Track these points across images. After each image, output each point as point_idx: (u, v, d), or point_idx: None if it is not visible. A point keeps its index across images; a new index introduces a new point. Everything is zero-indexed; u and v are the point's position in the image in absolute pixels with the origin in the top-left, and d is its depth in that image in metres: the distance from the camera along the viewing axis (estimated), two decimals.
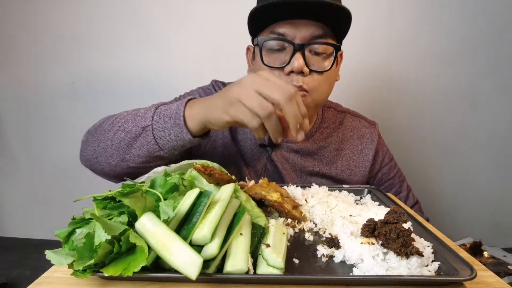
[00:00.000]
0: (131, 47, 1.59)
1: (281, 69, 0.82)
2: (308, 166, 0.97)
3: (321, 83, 0.84)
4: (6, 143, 1.76)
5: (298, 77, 0.80)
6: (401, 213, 0.57)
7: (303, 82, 0.81)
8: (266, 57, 0.83)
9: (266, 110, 0.58)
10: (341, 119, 1.04)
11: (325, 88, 0.87)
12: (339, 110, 1.06)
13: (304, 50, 0.79)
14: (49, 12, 1.57)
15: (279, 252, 0.46)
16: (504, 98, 1.61)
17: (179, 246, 0.40)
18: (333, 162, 0.99)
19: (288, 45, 0.81)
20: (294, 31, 0.79)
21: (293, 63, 0.79)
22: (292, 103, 0.58)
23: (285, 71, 0.81)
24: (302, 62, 0.79)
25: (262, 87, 0.59)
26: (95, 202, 0.50)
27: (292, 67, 0.79)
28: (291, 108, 0.58)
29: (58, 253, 0.44)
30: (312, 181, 0.96)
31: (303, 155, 0.97)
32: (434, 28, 1.53)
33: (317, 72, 0.82)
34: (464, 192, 1.72)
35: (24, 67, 1.65)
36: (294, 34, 0.80)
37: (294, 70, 0.79)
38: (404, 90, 1.60)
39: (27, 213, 1.86)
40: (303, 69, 0.79)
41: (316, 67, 0.82)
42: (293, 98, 0.59)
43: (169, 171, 0.64)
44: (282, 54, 0.82)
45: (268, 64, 0.82)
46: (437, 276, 0.45)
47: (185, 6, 1.54)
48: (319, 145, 0.98)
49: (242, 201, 0.56)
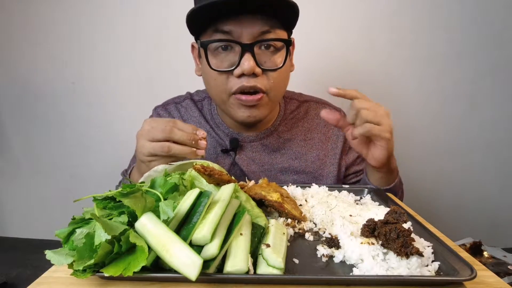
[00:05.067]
0: (131, 47, 1.59)
1: (231, 72, 0.77)
2: (277, 163, 0.94)
3: (277, 81, 0.81)
4: (6, 143, 1.76)
5: (249, 79, 0.76)
6: (401, 213, 0.57)
7: (257, 82, 0.77)
8: (212, 59, 0.78)
9: (164, 148, 0.68)
10: (305, 108, 1.01)
11: (281, 84, 0.84)
12: (301, 100, 1.02)
13: (253, 49, 0.75)
14: (49, 12, 1.57)
15: (279, 252, 0.46)
16: (504, 98, 1.61)
17: (179, 246, 0.40)
18: (302, 154, 0.95)
19: (235, 45, 0.76)
20: (240, 28, 0.75)
21: (243, 64, 0.75)
22: (175, 132, 0.68)
23: (235, 74, 0.77)
24: (252, 63, 0.75)
25: (149, 136, 0.69)
26: (95, 202, 0.50)
27: (243, 70, 0.75)
28: (177, 136, 0.68)
29: (58, 253, 0.44)
30: (284, 179, 0.94)
31: (269, 152, 0.94)
32: (434, 28, 1.53)
33: (270, 71, 0.79)
34: (464, 192, 1.71)
35: (24, 67, 1.65)
36: (240, 32, 0.75)
37: (244, 73, 0.75)
38: (404, 90, 1.60)
39: (27, 213, 1.86)
40: (254, 70, 0.75)
41: (268, 65, 0.78)
42: (174, 128, 0.68)
43: (169, 171, 0.64)
44: (230, 54, 0.78)
45: (216, 68, 0.78)
46: (437, 276, 0.45)
47: (185, 6, 1.54)
48: (284, 138, 0.95)
49: (242, 201, 0.56)
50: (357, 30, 1.53)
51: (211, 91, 0.86)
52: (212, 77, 0.81)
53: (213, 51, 0.79)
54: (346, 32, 1.53)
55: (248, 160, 0.94)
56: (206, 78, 0.85)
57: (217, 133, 0.96)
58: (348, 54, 1.56)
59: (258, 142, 0.94)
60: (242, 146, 0.94)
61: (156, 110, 1.04)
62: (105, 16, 1.57)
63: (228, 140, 0.94)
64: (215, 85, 0.82)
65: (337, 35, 1.53)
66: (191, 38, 0.90)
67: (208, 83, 0.85)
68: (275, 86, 0.81)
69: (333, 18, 1.51)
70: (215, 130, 0.96)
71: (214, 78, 0.81)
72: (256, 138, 0.95)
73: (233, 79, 0.78)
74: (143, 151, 0.70)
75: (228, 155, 0.94)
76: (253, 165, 0.94)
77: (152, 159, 0.70)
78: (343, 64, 1.56)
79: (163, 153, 0.68)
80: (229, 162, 0.94)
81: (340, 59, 1.56)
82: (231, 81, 0.79)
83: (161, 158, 0.69)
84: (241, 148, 0.94)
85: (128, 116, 1.63)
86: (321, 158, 0.96)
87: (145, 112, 1.07)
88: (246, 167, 0.93)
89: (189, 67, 1.60)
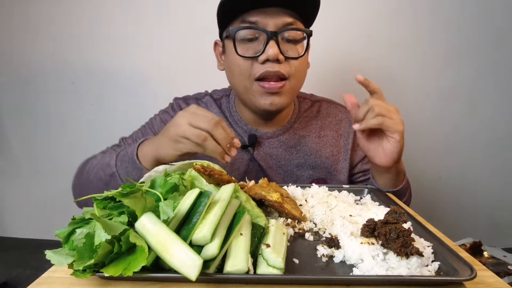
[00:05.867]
0: (131, 47, 1.59)
1: (255, 58, 0.82)
2: (293, 159, 0.98)
3: (298, 69, 0.85)
4: (6, 143, 1.76)
5: (273, 64, 0.81)
6: (401, 213, 0.57)
7: (280, 68, 0.81)
8: (238, 47, 0.83)
9: (201, 137, 0.68)
10: (317, 107, 1.05)
11: (301, 74, 0.88)
12: (314, 100, 1.07)
13: (277, 37, 0.80)
14: (49, 12, 1.57)
15: (279, 252, 0.46)
16: (504, 98, 1.61)
17: (179, 246, 0.40)
18: (316, 150, 0.99)
19: (261, 33, 0.81)
20: (265, 19, 0.80)
21: (267, 51, 0.80)
22: (218, 128, 0.69)
23: (259, 60, 0.81)
24: (277, 50, 0.79)
25: (192, 120, 0.69)
26: (95, 202, 0.50)
27: (267, 56, 0.80)
28: (218, 132, 0.69)
29: (58, 253, 0.44)
30: (300, 174, 0.98)
31: (286, 148, 0.98)
32: (434, 28, 1.53)
33: (292, 59, 0.84)
34: (464, 192, 1.72)
35: (24, 67, 1.65)
36: (266, 22, 0.80)
37: (269, 58, 0.80)
38: (404, 90, 1.60)
39: (27, 213, 1.86)
40: (278, 57, 0.80)
41: (290, 54, 0.83)
42: (218, 125, 0.69)
43: (169, 171, 0.64)
44: (255, 43, 0.83)
45: (242, 55, 0.82)
46: (437, 276, 0.45)
47: (185, 6, 1.54)
48: (299, 135, 0.99)
49: (242, 201, 0.56)
50: (357, 30, 1.53)
51: (235, 79, 0.88)
52: (237, 64, 0.84)
53: (239, 41, 0.83)
54: (345, 32, 1.54)
55: (266, 156, 0.96)
56: (230, 67, 0.88)
57: (236, 130, 0.99)
58: (347, 54, 1.56)
59: (275, 138, 0.97)
60: (260, 142, 0.97)
61: (177, 101, 1.04)
62: (105, 16, 1.57)
63: (246, 137, 0.97)
64: (239, 72, 0.85)
65: (337, 34, 1.53)
66: (192, 37, 0.90)
67: (232, 72, 0.87)
68: (296, 74, 0.85)
69: (333, 17, 1.51)
70: (233, 127, 0.99)
71: (239, 65, 0.84)
72: (273, 134, 0.98)
73: (257, 65, 0.82)
74: (178, 130, 0.69)
75: (247, 151, 0.96)
76: (270, 161, 0.97)
77: (181, 141, 0.70)
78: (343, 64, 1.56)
79: (197, 140, 0.68)
80: (247, 157, 0.96)
81: (340, 59, 1.56)
82: (255, 67, 0.82)
83: (189, 144, 0.69)
84: (259, 144, 0.97)
85: (128, 116, 1.62)
86: (334, 154, 1.00)
87: (145, 112, 1.07)
88: (264, 162, 0.96)
89: (189, 66, 1.61)
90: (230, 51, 0.85)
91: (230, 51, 0.85)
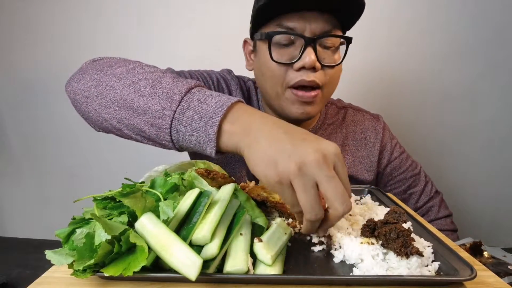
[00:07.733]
0: (131, 47, 1.59)
1: (290, 65, 0.78)
2: None
3: (332, 78, 0.81)
4: (6, 143, 1.76)
5: (309, 73, 0.77)
6: (401, 213, 0.57)
7: (315, 77, 0.77)
8: (274, 52, 0.78)
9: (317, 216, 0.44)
10: (343, 114, 1.03)
11: (335, 82, 0.85)
12: (340, 106, 1.04)
13: (315, 44, 0.76)
14: (49, 12, 1.57)
15: (271, 249, 0.46)
16: (504, 98, 1.61)
17: (179, 246, 0.40)
18: None
19: (298, 39, 0.77)
20: (303, 24, 0.75)
21: (304, 58, 0.75)
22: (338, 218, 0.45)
23: (294, 67, 0.77)
24: (314, 58, 0.75)
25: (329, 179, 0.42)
26: (95, 202, 0.50)
27: (304, 63, 0.75)
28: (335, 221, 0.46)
29: (58, 253, 0.44)
30: None
31: None
32: (434, 28, 1.53)
33: (329, 67, 0.79)
34: (464, 192, 1.71)
35: (24, 67, 1.65)
36: (303, 28, 0.75)
37: (305, 66, 0.75)
38: (404, 90, 1.60)
39: (27, 213, 1.86)
40: (315, 65, 0.75)
41: (327, 62, 0.79)
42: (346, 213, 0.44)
43: (169, 171, 0.64)
44: (291, 48, 0.78)
45: (277, 60, 0.78)
46: (437, 276, 0.45)
47: (185, 5, 1.54)
48: None
49: (242, 201, 0.56)
50: (357, 29, 1.53)
51: (266, 84, 0.84)
52: (269, 69, 0.80)
53: (274, 45, 0.79)
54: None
55: None
56: (262, 70, 0.84)
57: None
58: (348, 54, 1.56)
59: None
60: None
61: (230, 73, 0.99)
62: (106, 16, 1.57)
63: None
64: (271, 77, 0.81)
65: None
66: (192, 37, 0.90)
67: (264, 75, 0.84)
68: (329, 82, 0.82)
69: None
70: None
71: (272, 70, 0.80)
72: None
73: (291, 72, 0.78)
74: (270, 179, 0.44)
75: None
76: None
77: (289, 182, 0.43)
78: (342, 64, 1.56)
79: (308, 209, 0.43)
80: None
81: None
82: (289, 74, 0.79)
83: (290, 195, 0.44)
84: None
85: None
86: (356, 165, 0.98)
87: None
88: None
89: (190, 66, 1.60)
90: (263, 54, 0.81)
91: (263, 54, 0.81)
